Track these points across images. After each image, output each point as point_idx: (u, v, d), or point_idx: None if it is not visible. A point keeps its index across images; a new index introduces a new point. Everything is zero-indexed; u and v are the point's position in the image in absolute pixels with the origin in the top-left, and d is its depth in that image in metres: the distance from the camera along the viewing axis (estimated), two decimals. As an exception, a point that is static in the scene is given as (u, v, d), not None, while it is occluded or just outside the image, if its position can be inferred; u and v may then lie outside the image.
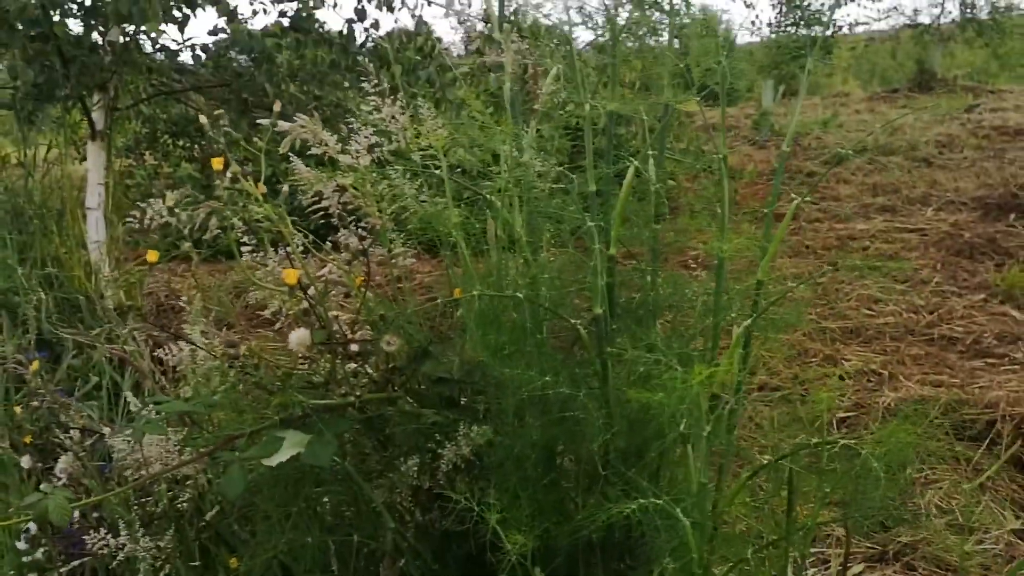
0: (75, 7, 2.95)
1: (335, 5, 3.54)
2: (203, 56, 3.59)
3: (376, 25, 3.66)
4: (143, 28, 2.97)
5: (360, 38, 3.64)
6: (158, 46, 3.36)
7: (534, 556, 1.21)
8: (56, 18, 2.79)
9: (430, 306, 1.51)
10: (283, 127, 1.25)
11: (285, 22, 3.57)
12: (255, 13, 3.66)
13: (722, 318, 1.33)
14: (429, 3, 3.77)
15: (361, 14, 3.60)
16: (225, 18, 3.33)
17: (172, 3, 3.03)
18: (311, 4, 3.51)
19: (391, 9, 3.60)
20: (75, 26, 3.00)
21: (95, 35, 3.03)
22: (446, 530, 1.35)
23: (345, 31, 3.62)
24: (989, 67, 11.82)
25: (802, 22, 8.21)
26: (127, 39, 3.04)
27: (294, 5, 3.52)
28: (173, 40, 3.47)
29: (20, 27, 2.68)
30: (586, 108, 1.28)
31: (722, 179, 1.31)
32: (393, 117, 1.36)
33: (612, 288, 1.32)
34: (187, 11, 3.19)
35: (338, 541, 1.39)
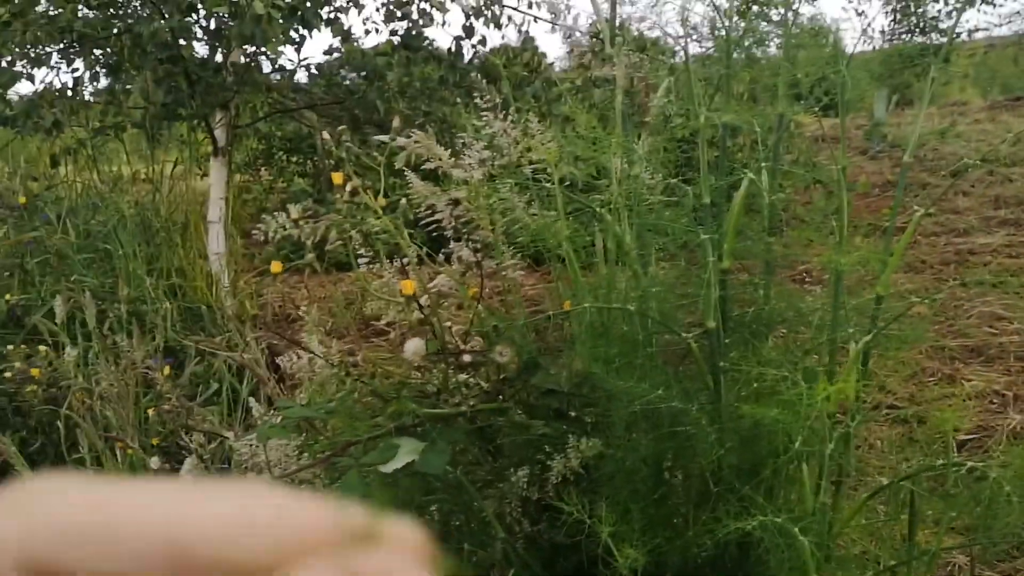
0: (200, 31, 3.12)
1: (444, 23, 3.62)
2: (317, 74, 3.73)
3: (483, 42, 3.72)
4: (264, 49, 3.12)
5: (468, 55, 3.71)
6: (276, 66, 3.51)
7: (644, 571, 1.20)
8: (183, 42, 2.95)
9: (539, 318, 1.52)
10: (400, 143, 1.29)
11: (395, 40, 3.67)
12: (367, 32, 3.79)
13: (840, 334, 1.30)
14: (536, 20, 3.81)
15: (469, 31, 3.66)
16: (340, 38, 3.45)
17: (290, 25, 3.16)
18: (421, 23, 3.60)
19: (499, 26, 3.66)
20: (200, 49, 3.17)
21: (219, 57, 3.20)
22: (555, 542, 1.35)
23: (453, 48, 3.69)
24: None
25: (917, 29, 7.88)
26: (248, 60, 3.19)
27: (404, 24, 3.61)
28: (289, 60, 3.63)
29: (152, 50, 2.85)
30: (700, 120, 1.27)
31: (838, 191, 1.27)
32: (504, 131, 1.38)
33: (725, 302, 1.31)
34: (304, 32, 3.32)
35: (447, 549, 1.41)
